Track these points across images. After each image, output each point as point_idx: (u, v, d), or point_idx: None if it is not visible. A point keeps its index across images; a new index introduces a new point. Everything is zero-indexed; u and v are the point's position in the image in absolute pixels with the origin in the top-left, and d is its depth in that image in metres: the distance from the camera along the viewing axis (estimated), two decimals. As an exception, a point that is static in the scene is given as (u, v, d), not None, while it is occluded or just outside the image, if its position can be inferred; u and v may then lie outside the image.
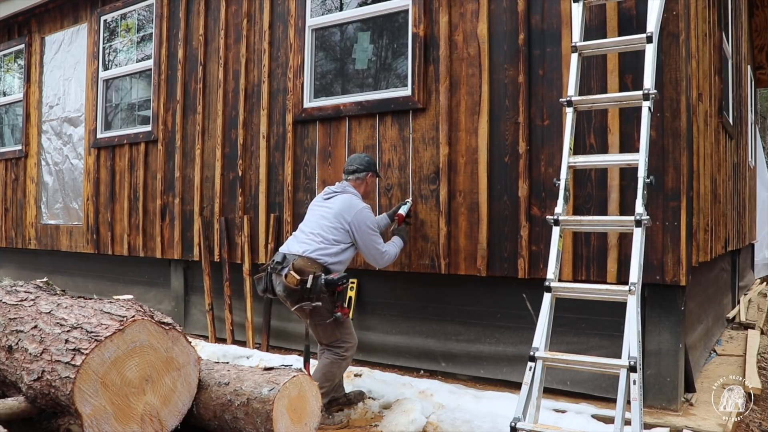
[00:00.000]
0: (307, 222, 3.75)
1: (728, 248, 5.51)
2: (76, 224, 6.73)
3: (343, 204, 3.67)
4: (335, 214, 3.64)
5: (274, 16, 5.07)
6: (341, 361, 3.59)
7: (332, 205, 3.70)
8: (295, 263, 3.48)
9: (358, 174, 3.83)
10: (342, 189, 3.78)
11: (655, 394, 3.53)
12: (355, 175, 3.83)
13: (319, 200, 3.85)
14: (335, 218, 3.62)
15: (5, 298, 3.05)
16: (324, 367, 3.57)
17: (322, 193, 3.89)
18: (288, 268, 3.47)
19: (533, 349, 2.93)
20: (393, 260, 3.81)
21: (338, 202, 3.69)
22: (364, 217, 3.65)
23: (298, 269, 3.46)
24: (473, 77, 4.07)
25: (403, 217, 4.05)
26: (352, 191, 3.78)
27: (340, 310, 3.50)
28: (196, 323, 5.71)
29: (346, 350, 3.60)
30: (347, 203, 3.68)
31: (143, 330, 2.49)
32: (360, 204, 3.71)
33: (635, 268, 2.90)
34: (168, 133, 5.78)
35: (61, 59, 7.08)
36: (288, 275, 3.44)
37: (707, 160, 4.21)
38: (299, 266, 3.47)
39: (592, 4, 3.63)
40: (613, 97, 3.37)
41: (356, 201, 3.72)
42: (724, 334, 5.65)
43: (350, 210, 3.64)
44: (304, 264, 3.48)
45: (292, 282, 3.42)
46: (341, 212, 3.63)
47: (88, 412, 2.35)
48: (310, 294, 3.41)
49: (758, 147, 9.94)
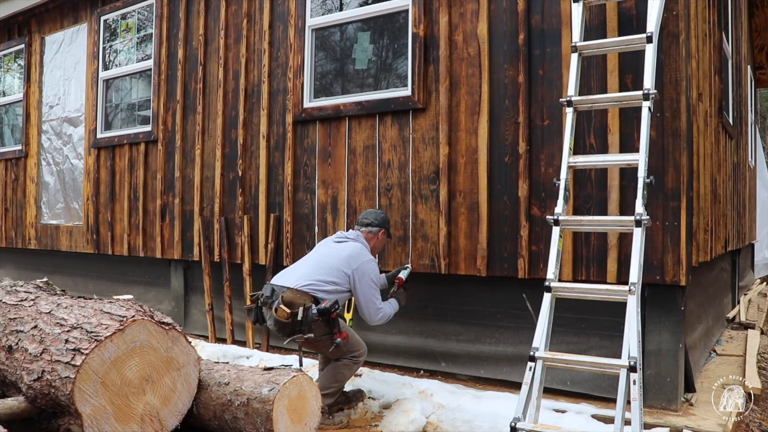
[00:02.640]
0: (310, 259, 3.73)
1: (728, 248, 5.51)
2: (77, 224, 6.73)
3: (353, 251, 3.67)
4: (342, 258, 3.63)
5: (274, 16, 5.07)
6: (353, 365, 3.62)
7: (342, 250, 3.70)
8: (284, 296, 3.45)
9: (372, 228, 3.87)
10: (355, 237, 3.81)
11: (655, 394, 3.53)
12: (369, 228, 3.86)
13: (329, 242, 3.86)
14: (340, 262, 3.61)
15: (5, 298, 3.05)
16: (335, 368, 3.58)
17: (333, 236, 3.93)
18: (278, 302, 3.44)
19: (533, 349, 2.93)
20: (387, 320, 3.73)
21: (348, 249, 3.69)
22: (368, 269, 3.63)
23: (288, 302, 3.42)
24: (473, 77, 4.07)
25: (403, 282, 4.00)
26: (363, 242, 3.80)
27: (339, 336, 3.45)
28: (196, 323, 5.71)
29: (359, 356, 3.63)
30: (356, 252, 3.68)
31: (143, 330, 2.49)
32: (368, 255, 3.72)
33: (635, 268, 2.90)
34: (168, 133, 5.78)
35: (61, 59, 7.08)
36: (278, 309, 3.41)
37: (707, 160, 4.21)
38: (288, 299, 3.44)
39: (592, 4, 3.63)
40: (613, 97, 3.37)
41: (365, 252, 3.73)
42: (724, 334, 5.65)
43: (357, 258, 3.64)
44: (294, 297, 3.45)
45: (282, 315, 3.39)
46: (348, 258, 3.63)
47: (88, 412, 2.35)
48: (301, 326, 3.39)
49: (758, 147, 9.94)
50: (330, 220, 4.64)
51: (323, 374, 3.65)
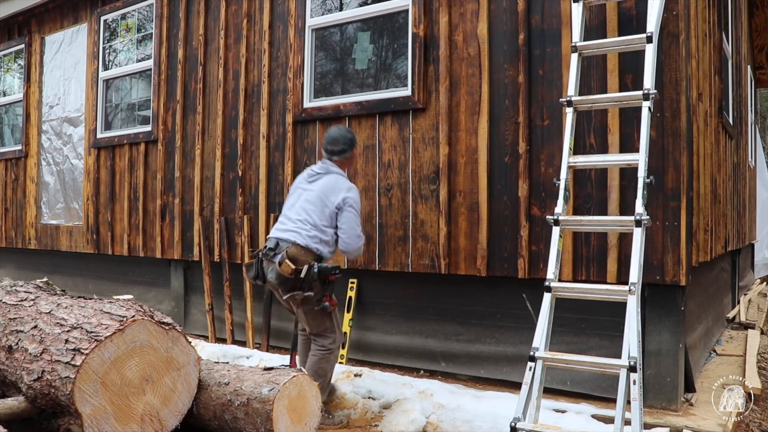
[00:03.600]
0: (293, 206, 3.64)
1: (728, 248, 5.51)
2: (77, 224, 6.73)
3: (327, 185, 3.58)
4: (321, 196, 3.54)
5: (274, 16, 5.07)
6: (328, 355, 3.55)
7: (316, 187, 3.60)
8: (288, 251, 3.42)
9: (345, 154, 3.70)
10: (326, 170, 3.66)
11: (655, 394, 3.53)
12: (341, 156, 3.69)
13: (302, 182, 3.73)
14: (321, 201, 3.53)
15: (5, 298, 3.05)
16: (314, 364, 3.54)
17: (304, 174, 3.77)
18: (282, 256, 3.40)
19: (533, 349, 2.93)
20: (362, 248, 3.68)
21: (323, 184, 3.59)
22: (351, 199, 3.55)
23: (293, 258, 3.39)
24: (473, 77, 4.07)
25: None
26: (337, 171, 3.67)
27: (329, 300, 3.46)
28: (196, 323, 5.71)
29: (333, 342, 3.56)
30: (333, 185, 3.58)
31: (143, 330, 2.49)
32: (347, 183, 3.63)
33: (635, 268, 2.90)
34: (168, 133, 5.78)
35: (61, 59, 7.08)
36: (282, 264, 3.37)
37: (707, 160, 4.21)
38: (293, 255, 3.41)
39: (592, 4, 3.63)
40: (613, 97, 3.37)
41: (343, 181, 3.63)
42: (724, 334, 5.65)
43: (338, 192, 3.55)
44: (298, 253, 3.43)
45: (287, 271, 3.36)
46: (328, 194, 3.54)
47: (88, 412, 2.35)
48: (302, 283, 3.37)
49: (758, 147, 9.94)
50: (330, 220, 4.63)
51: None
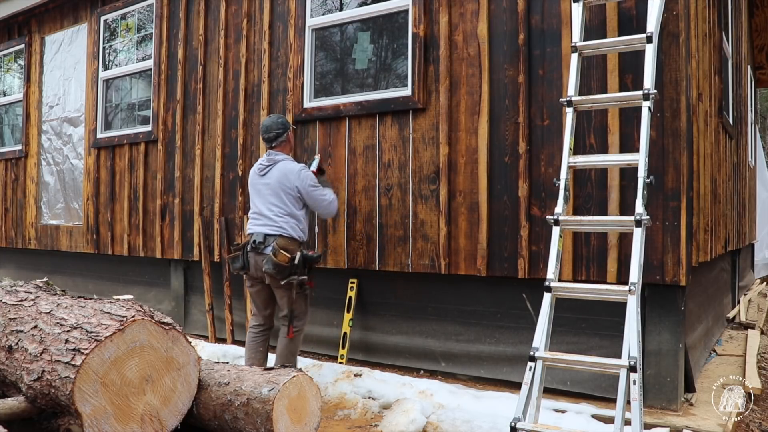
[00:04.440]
0: (259, 203, 3.96)
1: (728, 248, 5.51)
2: (77, 224, 6.73)
3: (281, 173, 3.90)
4: (280, 186, 3.87)
5: (274, 16, 5.07)
6: (299, 335, 3.98)
7: (270, 179, 3.92)
8: (278, 243, 3.78)
9: (280, 139, 4.00)
10: (272, 160, 3.96)
11: (655, 394, 3.53)
12: (278, 141, 4.00)
13: (255, 177, 4.04)
14: (282, 190, 3.87)
15: (5, 298, 3.05)
16: (286, 347, 3.94)
17: (254, 169, 4.08)
18: (273, 247, 3.76)
19: (533, 349, 2.93)
20: (336, 205, 4.08)
21: (276, 175, 3.91)
22: (304, 178, 3.89)
23: (284, 248, 3.77)
24: (473, 77, 4.07)
25: (316, 172, 4.15)
26: (283, 157, 3.98)
27: (309, 282, 3.91)
28: (196, 323, 5.71)
29: (303, 323, 3.99)
30: (284, 171, 3.90)
31: (143, 330, 2.49)
32: (295, 165, 3.94)
33: (635, 268, 2.90)
34: (168, 133, 5.78)
35: (61, 59, 7.08)
36: (278, 254, 3.74)
37: (707, 160, 4.21)
38: (283, 245, 3.78)
39: (592, 4, 3.63)
40: (613, 97, 3.37)
41: (291, 165, 3.95)
42: (724, 334, 5.65)
43: (291, 176, 3.88)
44: (287, 243, 3.81)
45: (283, 260, 3.73)
46: (283, 182, 3.87)
47: (88, 412, 2.35)
48: (296, 269, 3.76)
49: (758, 147, 9.94)
50: (330, 220, 4.63)
51: (279, 356, 3.97)
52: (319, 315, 4.86)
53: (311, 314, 4.90)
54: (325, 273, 4.72)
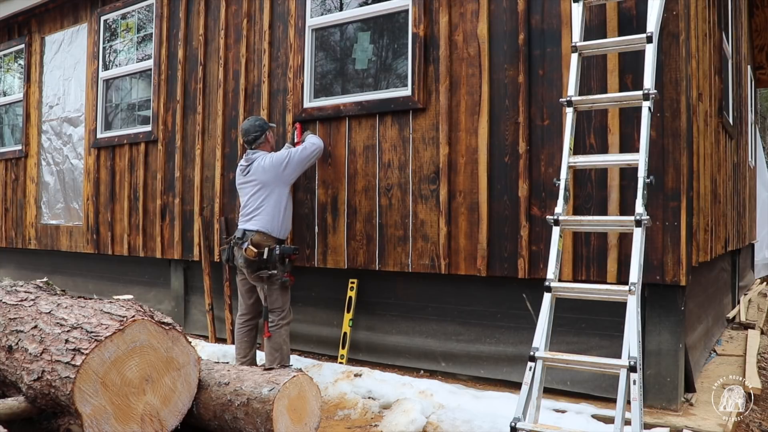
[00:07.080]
0: (243, 201, 4.30)
1: (728, 248, 5.51)
2: (77, 224, 6.73)
3: (265, 165, 4.19)
4: (268, 177, 4.17)
5: (274, 16, 5.07)
6: (283, 329, 4.13)
7: (256, 176, 4.21)
8: (253, 238, 4.07)
9: (259, 140, 4.32)
10: (250, 160, 4.26)
11: (655, 394, 3.53)
12: (257, 143, 4.32)
13: (240, 178, 4.33)
14: (271, 179, 4.17)
15: (5, 298, 3.05)
16: (267, 344, 4.11)
17: (237, 171, 4.38)
18: (247, 243, 4.05)
19: (533, 349, 2.93)
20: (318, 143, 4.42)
21: (260, 169, 4.19)
22: (276, 160, 4.19)
23: (256, 243, 4.05)
24: (473, 77, 4.07)
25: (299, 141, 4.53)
26: (260, 154, 4.26)
27: (288, 275, 4.11)
28: (196, 323, 5.71)
29: (284, 318, 4.14)
30: (269, 161, 4.19)
31: (143, 330, 2.49)
32: (266, 155, 4.24)
33: (635, 268, 2.90)
34: (168, 133, 5.78)
35: (61, 59, 7.08)
36: (247, 249, 4.03)
37: (707, 160, 4.21)
38: (256, 241, 4.07)
39: (592, 4, 3.63)
40: (613, 97, 3.37)
41: (272, 154, 4.27)
42: (724, 334, 5.65)
43: (277, 160, 4.19)
44: (261, 239, 4.09)
45: (251, 254, 4.03)
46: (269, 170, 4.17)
47: (88, 412, 2.35)
48: (267, 264, 4.03)
49: (758, 147, 9.94)
50: (330, 220, 4.64)
51: (265, 354, 4.14)
52: (319, 315, 4.87)
53: (312, 314, 4.91)
54: (325, 273, 4.72)
